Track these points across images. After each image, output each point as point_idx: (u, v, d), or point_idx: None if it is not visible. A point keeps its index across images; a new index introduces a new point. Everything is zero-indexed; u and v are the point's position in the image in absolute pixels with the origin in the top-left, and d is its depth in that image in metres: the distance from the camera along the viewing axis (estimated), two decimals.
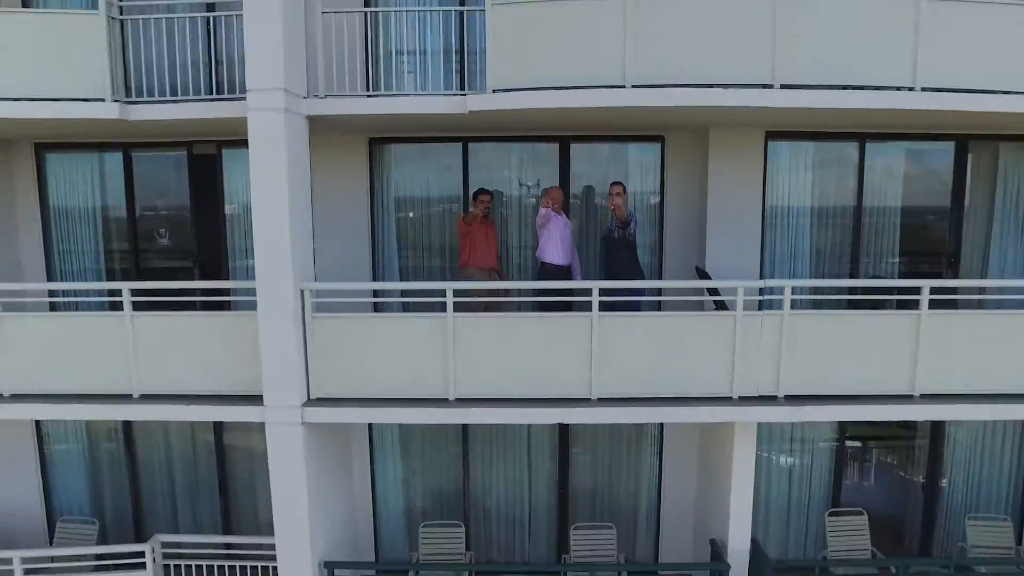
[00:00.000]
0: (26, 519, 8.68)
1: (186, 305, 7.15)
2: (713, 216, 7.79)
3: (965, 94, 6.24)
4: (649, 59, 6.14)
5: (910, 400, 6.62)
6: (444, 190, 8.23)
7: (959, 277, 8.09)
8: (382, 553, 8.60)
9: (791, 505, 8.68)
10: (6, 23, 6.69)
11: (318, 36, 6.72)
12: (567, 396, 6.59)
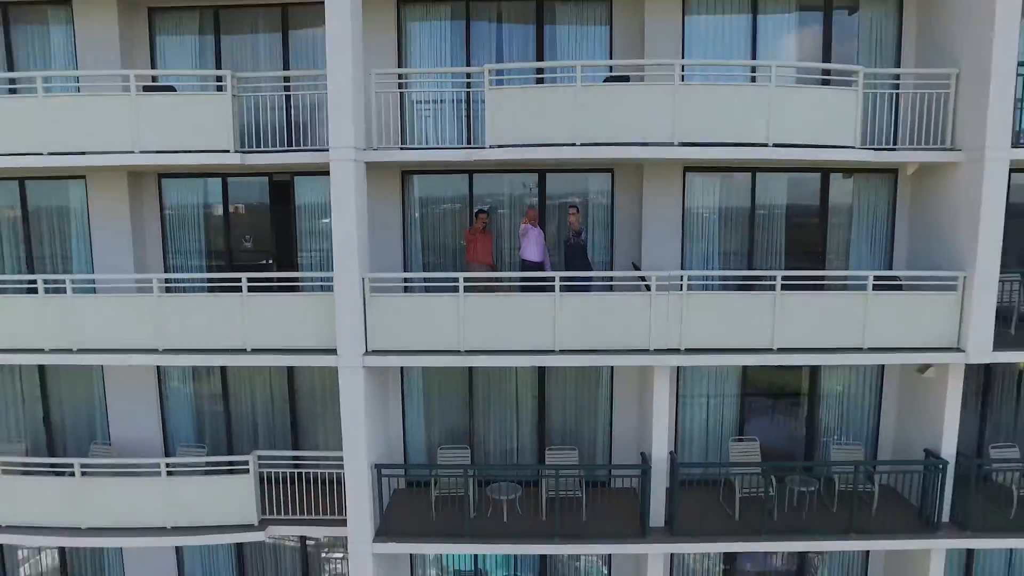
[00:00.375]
0: (151, 444, 11.98)
1: (265, 289, 10.35)
2: (647, 225, 11.06)
3: (796, 148, 9.49)
4: (591, 127, 9.40)
5: (770, 352, 9.91)
6: (454, 207, 11.48)
7: (826, 269, 11.34)
8: (410, 471, 11.89)
9: (708, 435, 11.98)
10: (167, 102, 9.93)
11: (372, 97, 9.95)
12: (540, 349, 9.88)
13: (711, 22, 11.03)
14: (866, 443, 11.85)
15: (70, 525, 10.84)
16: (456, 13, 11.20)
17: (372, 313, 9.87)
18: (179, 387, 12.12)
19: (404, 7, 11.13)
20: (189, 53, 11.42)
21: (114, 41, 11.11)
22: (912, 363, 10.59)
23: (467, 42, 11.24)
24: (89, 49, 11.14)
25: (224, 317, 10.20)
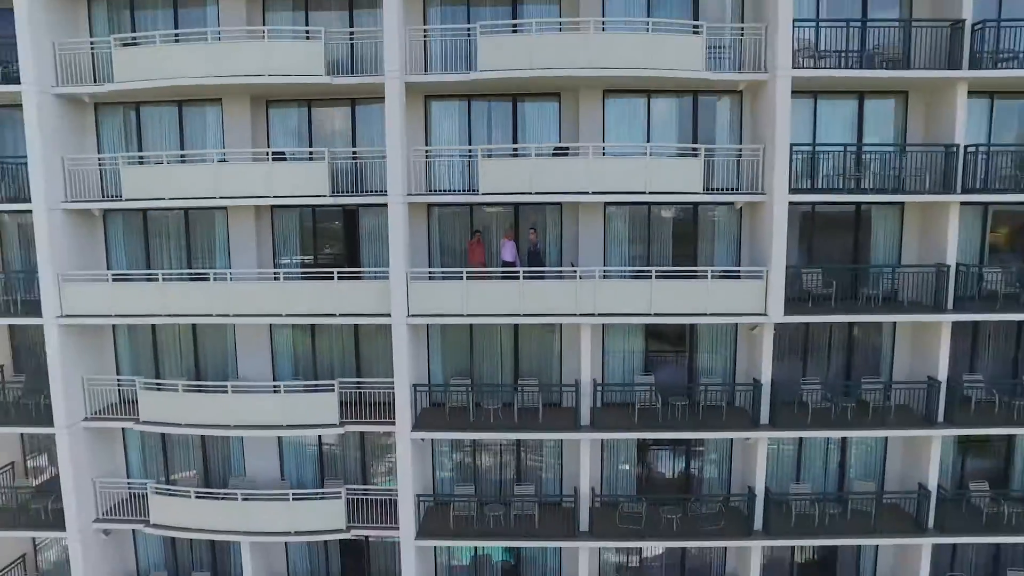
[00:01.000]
0: (265, 375, 18.69)
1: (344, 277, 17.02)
2: (582, 239, 17.70)
3: (663, 194, 16.16)
4: (543, 182, 16.08)
5: (648, 315, 16.59)
6: (462, 228, 18.12)
7: (697, 264, 17.91)
8: (433, 393, 18.59)
9: (623, 373, 18.63)
10: (290, 165, 16.64)
11: (410, 162, 16.61)
12: (513, 313, 16.58)
13: (621, 105, 17.63)
14: (725, 376, 18.50)
15: (221, 423, 17.61)
16: (462, 104, 17.84)
17: (411, 292, 16.58)
18: (283, 339, 18.84)
19: (429, 100, 17.77)
20: (294, 128, 18.12)
21: (247, 123, 17.82)
22: (737, 323, 17.28)
23: (469, 121, 17.91)
24: (232, 128, 17.85)
25: (320, 295, 16.93)
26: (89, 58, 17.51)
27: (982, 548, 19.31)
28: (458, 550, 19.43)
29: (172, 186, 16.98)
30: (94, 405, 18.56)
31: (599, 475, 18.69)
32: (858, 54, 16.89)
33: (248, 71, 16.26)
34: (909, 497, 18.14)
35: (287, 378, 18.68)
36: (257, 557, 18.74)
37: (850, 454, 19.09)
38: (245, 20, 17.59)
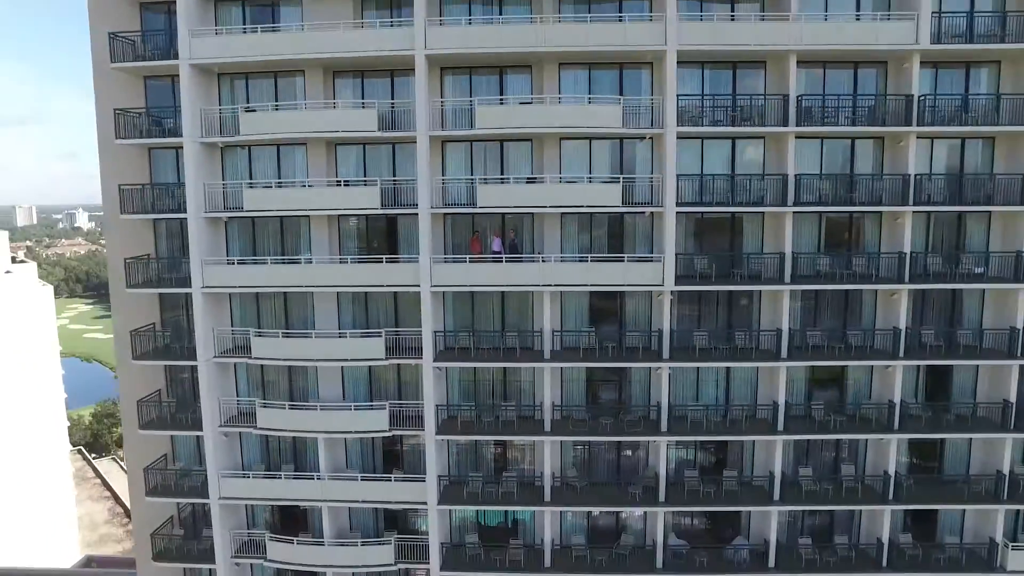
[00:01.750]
0: (334, 326, 27.89)
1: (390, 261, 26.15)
2: (546, 236, 26.78)
3: (596, 207, 25.25)
4: (516, 199, 25.19)
5: (587, 286, 25.68)
6: (466, 229, 27.23)
7: (623, 252, 26.92)
8: (447, 337, 27.68)
9: (575, 328, 27.68)
10: (353, 188, 25.86)
11: (435, 185, 25.70)
12: (500, 284, 25.75)
13: (572, 147, 26.62)
14: (643, 328, 27.47)
15: (304, 357, 26.81)
16: (466, 147, 26.89)
17: (433, 271, 25.70)
18: (346, 303, 27.99)
19: (445, 144, 26.82)
20: (354, 162, 27.25)
21: (322, 159, 26.96)
22: (648, 291, 26.31)
23: (471, 158, 26.97)
24: (314, 162, 26.99)
25: (372, 272, 26.09)
26: (218, 118, 26.67)
27: (824, 444, 28.31)
28: (464, 446, 28.57)
29: (275, 201, 26.17)
30: (219, 348, 27.75)
31: (559, 395, 27.78)
32: (730, 114, 25.85)
33: (326, 128, 25.43)
34: (767, 408, 27.16)
35: (348, 328, 27.79)
36: (327, 452, 27.90)
37: (731, 382, 28.11)
38: (322, 88, 26.65)
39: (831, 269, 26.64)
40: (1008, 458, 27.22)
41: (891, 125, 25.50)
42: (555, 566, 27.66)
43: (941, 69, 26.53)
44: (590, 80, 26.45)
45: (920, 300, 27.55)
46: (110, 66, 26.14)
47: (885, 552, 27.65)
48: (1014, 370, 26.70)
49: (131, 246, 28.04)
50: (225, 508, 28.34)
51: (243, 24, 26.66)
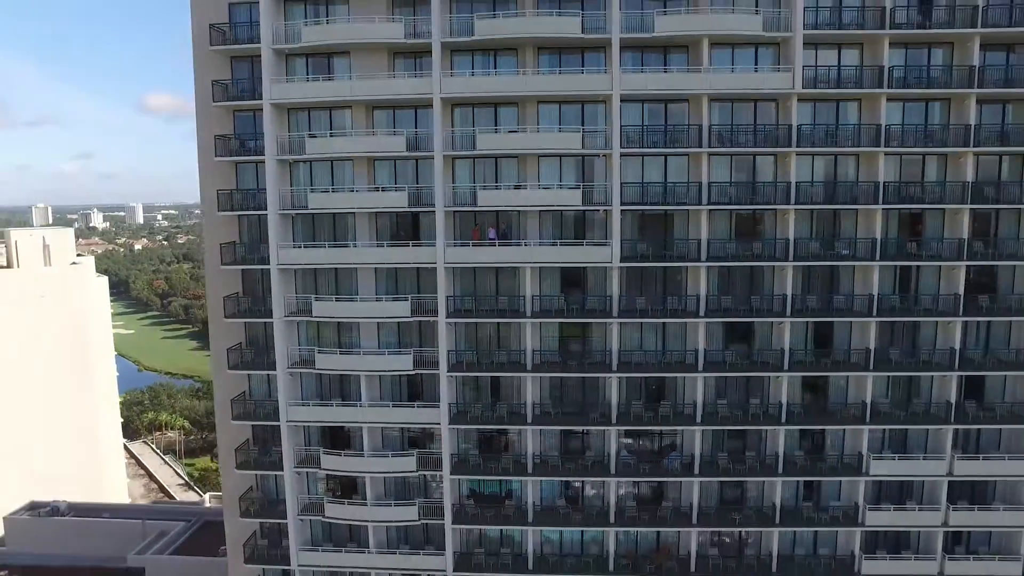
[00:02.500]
0: (372, 293, 37.93)
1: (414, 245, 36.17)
2: (528, 227, 36.75)
3: (564, 207, 35.23)
4: (506, 201, 35.17)
5: (558, 263, 35.66)
6: (469, 221, 37.20)
7: (585, 239, 36.82)
8: (455, 301, 37.62)
9: (550, 292, 37.66)
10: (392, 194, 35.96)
11: (447, 190, 35.67)
12: (493, 262, 35.80)
13: (548, 162, 36.50)
14: (601, 294, 37.30)
15: (350, 316, 36.87)
16: (471, 162, 36.81)
17: (446, 252, 35.69)
18: (381, 276, 37.98)
19: (455, 160, 36.71)
20: (389, 172, 37.22)
21: (364, 170, 36.96)
22: (603, 267, 36.19)
23: (473, 170, 36.89)
24: (358, 173, 37.01)
25: (401, 253, 36.14)
26: (288, 141, 36.66)
27: (736, 382, 38.14)
28: (467, 382, 38.54)
29: (331, 202, 36.23)
30: (287, 310, 37.75)
31: (539, 344, 37.65)
32: (663, 138, 35.66)
33: (368, 149, 35.54)
34: (692, 354, 37.04)
35: (383, 294, 37.75)
36: (367, 386, 37.90)
37: (666, 335, 37.97)
38: (364, 119, 36.59)
39: (737, 251, 36.48)
40: (870, 391, 36.99)
41: (780, 146, 35.32)
42: (536, 471, 37.69)
43: (819, 103, 36.28)
44: (560, 113, 36.36)
45: (807, 274, 37.27)
46: (211, 104, 36.20)
47: (781, 463, 37.50)
48: (873, 326, 36.46)
49: (221, 235, 38.09)
50: (290, 429, 38.39)
51: (307, 74, 36.65)
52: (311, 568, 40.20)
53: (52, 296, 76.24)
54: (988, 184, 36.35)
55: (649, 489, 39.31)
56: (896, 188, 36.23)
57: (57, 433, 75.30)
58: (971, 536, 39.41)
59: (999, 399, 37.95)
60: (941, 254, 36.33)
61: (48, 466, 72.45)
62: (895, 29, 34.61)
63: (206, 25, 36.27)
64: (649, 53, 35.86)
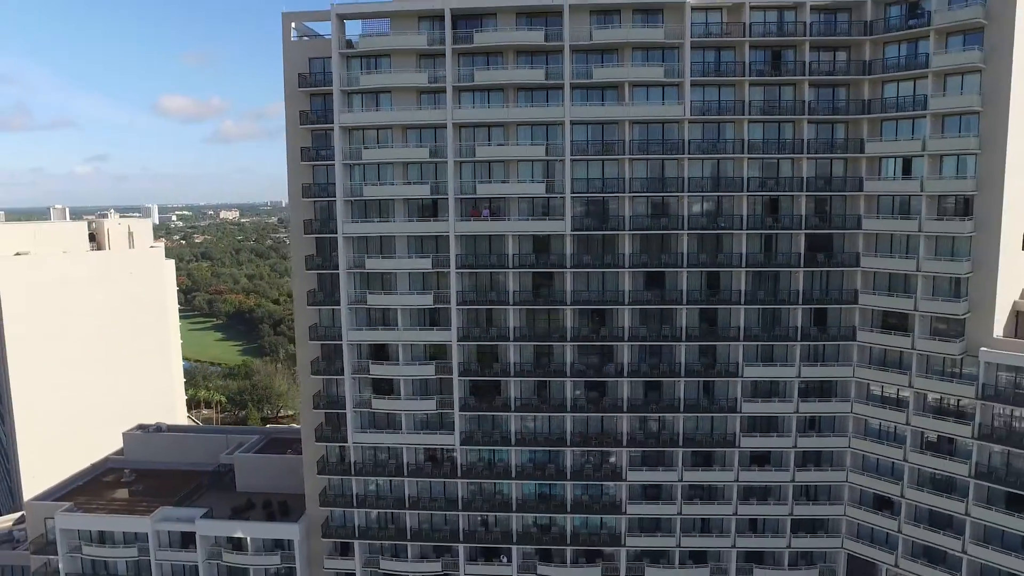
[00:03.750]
0: (414, 268, 56.39)
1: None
2: (511, 209, 55.11)
3: (536, 195, 53.63)
4: (496, 192, 53.56)
5: (531, 232, 54.01)
6: (471, 205, 55.61)
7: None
8: (462, 258, 55.93)
9: (527, 255, 56.00)
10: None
11: (456, 190, 54.02)
12: (487, 232, 54.10)
13: (525, 164, 54.82)
14: (561, 253, 55.62)
15: (391, 268, 55.36)
16: (472, 165, 55.21)
17: (456, 226, 54.09)
18: (412, 242, 56.37)
19: (461, 164, 55.06)
20: (418, 170, 55.71)
21: (402, 168, 55.42)
22: (559, 235, 54.45)
23: (475, 169, 55.24)
24: (397, 172, 55.45)
25: (426, 227, 54.57)
26: (349, 150, 55.10)
27: (650, 312, 56.47)
28: (470, 313, 56.88)
29: (379, 192, 54.77)
30: (348, 265, 56.10)
31: (518, 286, 55.91)
32: (601, 148, 53.89)
33: (403, 157, 54.13)
34: (622, 293, 55.31)
35: (414, 254, 56.13)
36: (402, 315, 56.32)
37: (605, 281, 56.15)
38: (402, 135, 54.96)
39: (651, 224, 54.69)
40: (743, 320, 55.04)
41: (678, 154, 53.48)
42: (516, 375, 56.02)
43: (705, 124, 54.38)
44: (532, 132, 54.64)
45: (700, 240, 55.33)
46: (298, 126, 54.75)
47: (683, 369, 55.62)
48: (743, 274, 54.56)
49: (302, 215, 56.54)
50: (349, 347, 56.79)
51: (362, 106, 55.08)
52: (361, 444, 58.58)
53: (136, 272, 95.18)
54: (821, 178, 54.38)
55: (594, 388, 57.42)
56: (759, 181, 54.31)
57: (141, 375, 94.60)
58: (820, 420, 57.26)
59: (834, 325, 55.83)
60: (789, 226, 54.36)
61: (135, 400, 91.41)
62: (753, 75, 52.78)
63: (295, 73, 54.84)
64: (591, 91, 54.05)
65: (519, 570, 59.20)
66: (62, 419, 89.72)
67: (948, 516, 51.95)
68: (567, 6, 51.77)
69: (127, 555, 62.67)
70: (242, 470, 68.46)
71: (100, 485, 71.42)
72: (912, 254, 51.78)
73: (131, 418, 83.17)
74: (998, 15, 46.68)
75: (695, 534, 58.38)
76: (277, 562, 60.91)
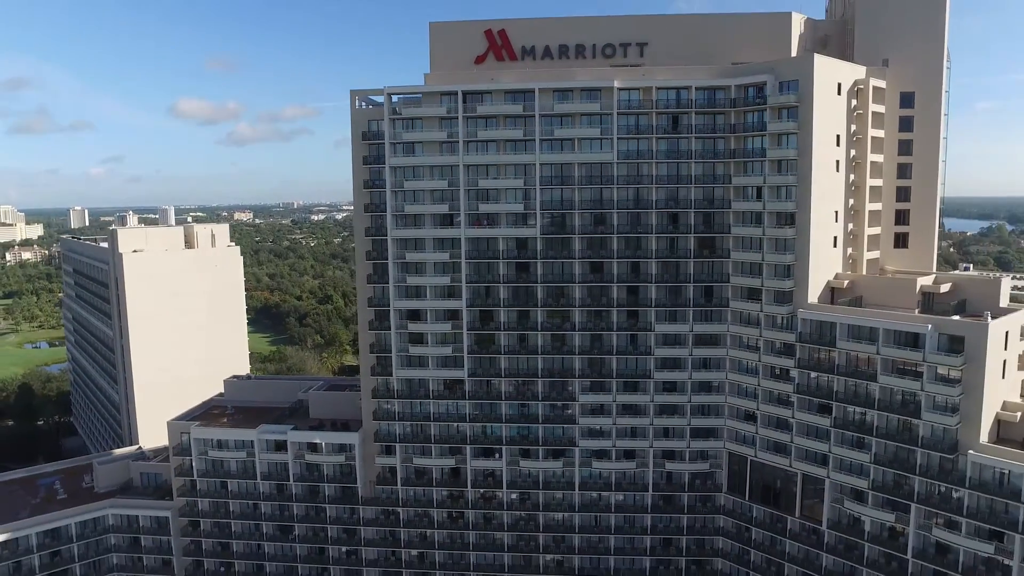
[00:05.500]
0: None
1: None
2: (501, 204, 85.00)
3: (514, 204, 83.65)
4: (485, 209, 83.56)
5: (500, 236, 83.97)
6: (475, 218, 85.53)
7: None
8: (470, 252, 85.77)
9: (512, 246, 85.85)
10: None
11: (467, 194, 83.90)
12: (487, 235, 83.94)
13: (511, 191, 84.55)
14: (535, 250, 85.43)
15: (423, 260, 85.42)
16: (479, 191, 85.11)
17: (466, 231, 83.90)
18: (437, 244, 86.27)
19: (468, 190, 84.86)
20: (440, 195, 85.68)
21: (430, 194, 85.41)
22: (533, 238, 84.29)
23: (477, 191, 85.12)
24: (425, 196, 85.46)
25: (447, 231, 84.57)
26: (394, 180, 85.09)
27: (594, 283, 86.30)
28: (476, 288, 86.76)
29: (415, 210, 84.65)
30: (394, 258, 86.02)
31: (507, 272, 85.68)
32: (560, 178, 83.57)
33: (431, 187, 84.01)
34: (573, 275, 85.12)
35: (438, 251, 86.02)
36: (429, 292, 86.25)
37: (563, 268, 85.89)
38: (430, 172, 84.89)
39: (594, 230, 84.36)
40: (654, 294, 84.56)
41: (611, 184, 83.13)
42: (505, 330, 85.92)
43: (628, 163, 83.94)
44: (515, 170, 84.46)
45: (625, 240, 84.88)
46: (362, 165, 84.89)
47: (615, 325, 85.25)
48: (653, 263, 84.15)
49: (363, 225, 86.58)
50: (395, 312, 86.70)
51: (403, 153, 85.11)
52: (401, 377, 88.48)
53: (219, 265, 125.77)
54: (705, 200, 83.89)
55: (557, 338, 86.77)
56: (664, 202, 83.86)
57: (221, 344, 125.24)
58: (708, 361, 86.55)
59: (715, 297, 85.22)
60: (685, 231, 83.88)
61: (218, 358, 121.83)
62: (659, 133, 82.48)
63: (359, 130, 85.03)
64: (554, 143, 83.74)
65: (507, 464, 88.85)
66: (167, 374, 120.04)
67: (785, 420, 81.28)
68: (537, 89, 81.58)
69: (238, 456, 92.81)
70: (314, 403, 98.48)
71: (210, 416, 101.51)
72: (760, 250, 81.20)
73: (216, 373, 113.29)
74: (805, 99, 76.37)
75: (626, 438, 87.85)
76: (342, 460, 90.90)
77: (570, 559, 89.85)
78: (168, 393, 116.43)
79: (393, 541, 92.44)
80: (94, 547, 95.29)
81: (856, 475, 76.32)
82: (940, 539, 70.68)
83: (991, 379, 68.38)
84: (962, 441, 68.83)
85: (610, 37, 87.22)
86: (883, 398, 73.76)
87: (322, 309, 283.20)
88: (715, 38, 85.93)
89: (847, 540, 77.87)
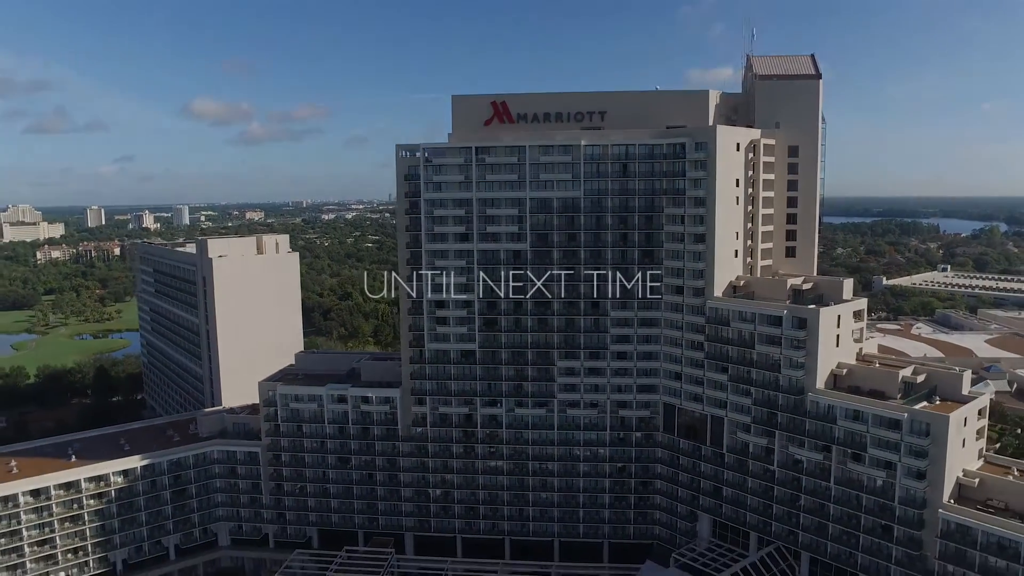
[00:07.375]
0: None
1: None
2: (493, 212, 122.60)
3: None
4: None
5: (501, 249, 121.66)
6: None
7: None
8: (480, 261, 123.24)
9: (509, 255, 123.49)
10: None
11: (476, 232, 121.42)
12: (493, 248, 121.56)
13: (512, 216, 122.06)
14: (525, 258, 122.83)
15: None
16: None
17: (478, 245, 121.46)
18: (457, 252, 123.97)
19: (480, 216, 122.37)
20: (464, 218, 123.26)
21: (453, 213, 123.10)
22: (526, 251, 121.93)
23: (486, 217, 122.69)
24: (452, 216, 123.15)
25: (464, 243, 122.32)
26: (428, 208, 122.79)
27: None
28: (485, 283, 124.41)
29: (442, 226, 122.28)
30: (428, 257, 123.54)
31: (507, 275, 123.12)
32: (544, 210, 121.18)
33: (454, 214, 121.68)
34: (552, 275, 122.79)
35: (457, 257, 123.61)
36: (452, 280, 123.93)
37: (550, 274, 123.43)
38: (453, 203, 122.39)
39: (568, 243, 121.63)
40: (611, 292, 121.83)
41: (578, 212, 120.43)
42: (505, 313, 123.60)
43: (592, 198, 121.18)
44: (512, 201, 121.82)
45: (591, 254, 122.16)
46: (405, 197, 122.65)
47: (583, 311, 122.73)
48: (609, 272, 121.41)
49: (404, 233, 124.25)
50: (427, 301, 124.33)
51: (432, 191, 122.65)
52: (431, 348, 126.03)
53: (283, 268, 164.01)
54: (646, 223, 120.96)
55: (542, 319, 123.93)
56: (618, 223, 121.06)
57: (282, 329, 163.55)
58: (649, 336, 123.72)
59: (655, 292, 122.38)
60: (633, 245, 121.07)
61: (280, 345, 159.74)
62: (613, 176, 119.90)
63: (403, 174, 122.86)
64: (540, 183, 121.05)
65: (506, 411, 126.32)
66: (242, 352, 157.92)
67: (699, 377, 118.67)
68: (527, 146, 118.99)
69: (310, 407, 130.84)
70: (366, 369, 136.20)
71: (287, 379, 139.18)
72: (683, 259, 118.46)
73: (278, 351, 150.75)
74: (711, 155, 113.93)
75: (591, 393, 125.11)
76: (387, 409, 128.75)
77: (551, 481, 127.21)
78: (243, 367, 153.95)
79: (423, 468, 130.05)
80: (203, 473, 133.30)
81: (744, 414, 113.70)
82: (794, 454, 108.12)
83: (825, 345, 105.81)
84: (807, 386, 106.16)
85: (580, 107, 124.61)
86: (759, 360, 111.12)
87: (344, 305, 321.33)
88: (655, 109, 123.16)
89: (739, 459, 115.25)
